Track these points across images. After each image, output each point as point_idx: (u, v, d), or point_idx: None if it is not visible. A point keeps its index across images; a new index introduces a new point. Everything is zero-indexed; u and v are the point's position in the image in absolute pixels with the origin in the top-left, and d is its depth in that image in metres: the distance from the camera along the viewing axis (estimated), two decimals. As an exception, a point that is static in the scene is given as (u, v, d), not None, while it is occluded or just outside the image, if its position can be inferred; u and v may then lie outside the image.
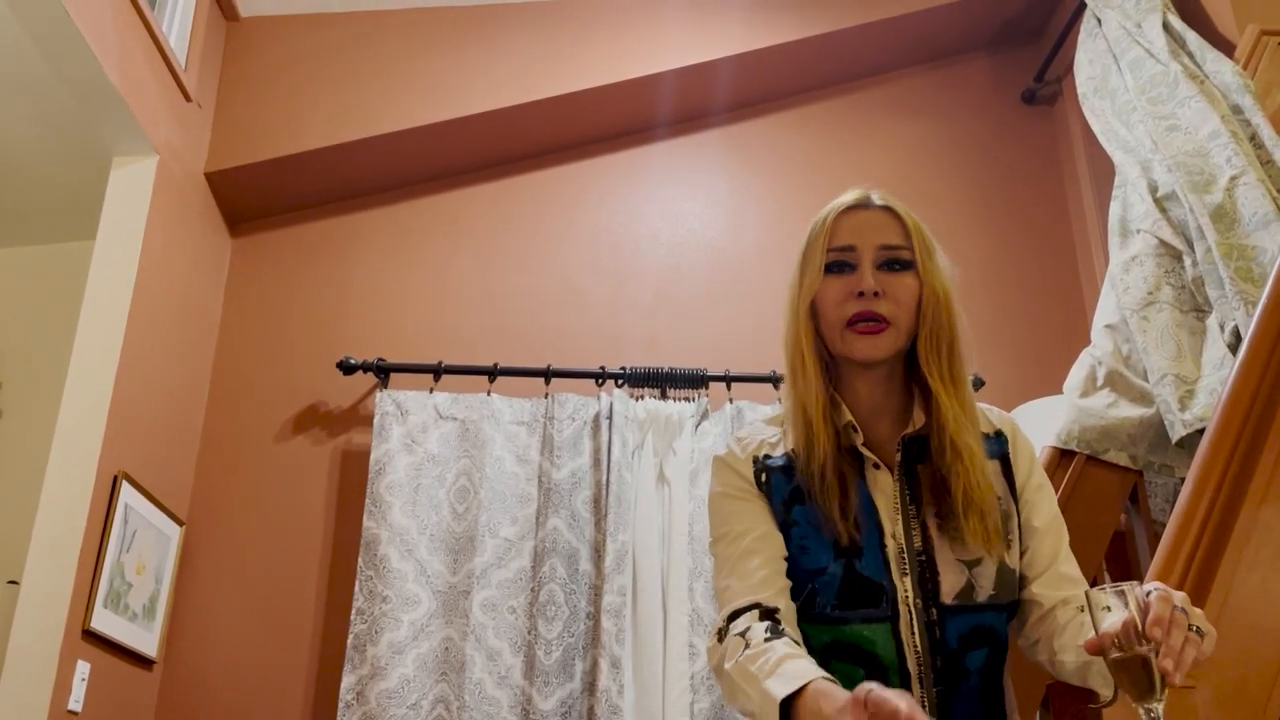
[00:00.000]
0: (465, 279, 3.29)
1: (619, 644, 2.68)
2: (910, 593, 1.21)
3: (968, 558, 1.22)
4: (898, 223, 1.29)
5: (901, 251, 1.27)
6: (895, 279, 1.26)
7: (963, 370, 1.28)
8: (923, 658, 1.20)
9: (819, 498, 1.24)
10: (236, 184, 3.22)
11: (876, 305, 1.24)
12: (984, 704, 1.23)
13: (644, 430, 2.94)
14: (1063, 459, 2.25)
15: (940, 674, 1.20)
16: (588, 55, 3.33)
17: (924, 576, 1.21)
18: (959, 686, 1.20)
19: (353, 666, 2.67)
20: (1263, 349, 1.82)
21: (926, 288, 1.26)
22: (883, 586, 1.21)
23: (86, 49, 2.51)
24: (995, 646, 1.24)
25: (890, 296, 1.25)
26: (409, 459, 2.88)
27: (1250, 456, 1.72)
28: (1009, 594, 1.24)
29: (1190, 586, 1.61)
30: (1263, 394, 1.78)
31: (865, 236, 1.27)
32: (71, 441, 2.57)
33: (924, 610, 1.21)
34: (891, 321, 1.24)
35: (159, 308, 2.86)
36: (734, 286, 3.30)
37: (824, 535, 1.23)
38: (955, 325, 1.28)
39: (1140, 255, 2.39)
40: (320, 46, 3.33)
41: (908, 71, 3.60)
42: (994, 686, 1.24)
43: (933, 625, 1.20)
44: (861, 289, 1.25)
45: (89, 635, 2.51)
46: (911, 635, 1.20)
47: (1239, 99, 2.43)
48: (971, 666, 1.21)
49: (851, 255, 1.27)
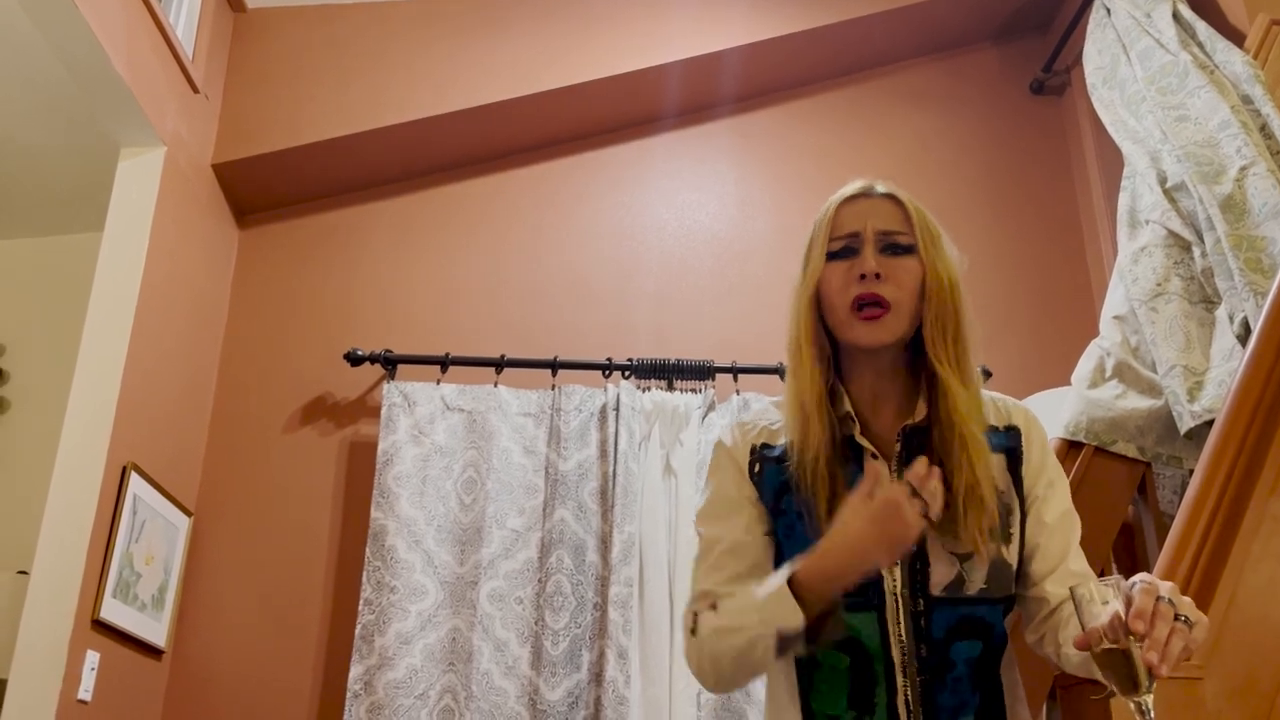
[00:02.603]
0: (472, 271, 3.29)
1: (626, 635, 2.68)
2: (898, 583, 1.22)
3: (961, 551, 1.22)
4: (899, 209, 1.30)
5: (901, 236, 1.27)
6: (896, 262, 1.26)
7: (969, 358, 1.27)
8: (907, 647, 1.21)
9: (807, 492, 1.24)
10: (243, 176, 3.22)
11: (878, 287, 1.24)
12: (978, 696, 1.23)
13: (651, 422, 2.94)
14: (1070, 450, 2.25)
15: (924, 663, 1.21)
16: (594, 46, 3.32)
17: (914, 568, 1.22)
18: (944, 676, 1.21)
19: (360, 657, 2.68)
20: (1272, 340, 1.82)
21: (930, 272, 1.26)
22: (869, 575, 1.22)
23: (94, 40, 2.51)
24: (988, 640, 1.24)
25: (892, 279, 1.25)
26: (416, 450, 2.89)
27: (1259, 448, 1.72)
28: (1002, 589, 1.24)
29: (1199, 578, 1.61)
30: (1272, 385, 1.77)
31: (866, 222, 1.28)
32: (80, 433, 2.57)
33: (911, 600, 1.22)
34: (893, 304, 1.24)
35: (167, 299, 2.87)
36: (741, 278, 3.30)
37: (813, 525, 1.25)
38: (961, 311, 1.27)
39: (1149, 246, 2.39)
40: (327, 38, 3.33)
41: (916, 62, 3.59)
42: (988, 678, 1.24)
43: (919, 615, 1.21)
44: (863, 271, 1.25)
45: (98, 625, 2.52)
46: (897, 625, 1.21)
47: (1249, 89, 2.42)
48: (958, 658, 1.21)
49: (854, 240, 1.28)
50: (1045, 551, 1.27)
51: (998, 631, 1.25)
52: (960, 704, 1.22)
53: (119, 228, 2.77)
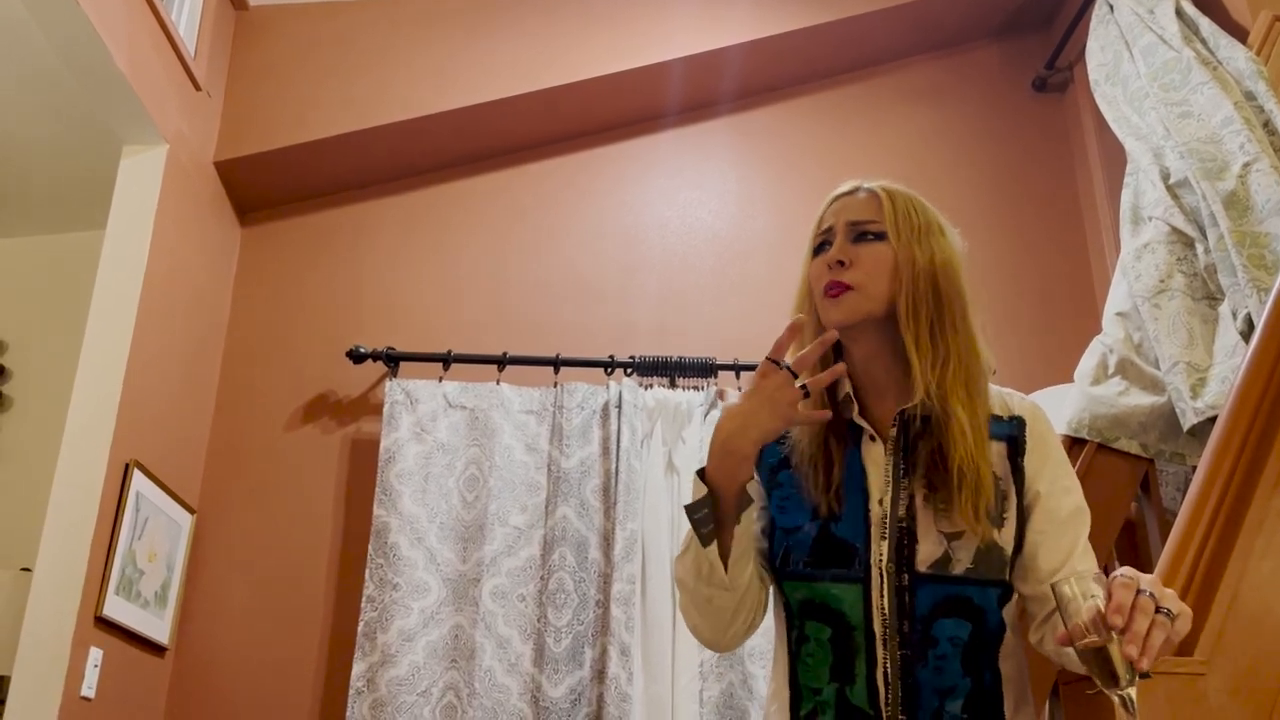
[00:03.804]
0: (474, 268, 3.29)
1: (628, 631, 2.68)
2: (885, 557, 1.24)
3: (950, 530, 1.24)
4: (874, 200, 1.35)
5: (871, 224, 1.33)
6: (863, 248, 1.32)
7: (948, 339, 1.28)
8: (889, 620, 1.23)
9: (803, 469, 1.31)
10: (246, 173, 3.22)
11: (841, 273, 1.30)
12: (969, 679, 1.23)
13: (653, 419, 2.94)
14: (1073, 447, 2.25)
15: (907, 638, 1.22)
16: (596, 44, 3.32)
17: (901, 543, 1.24)
18: (926, 653, 1.22)
19: (363, 654, 2.68)
20: (1275, 337, 1.82)
21: (902, 256, 1.30)
22: (855, 548, 1.26)
23: (96, 38, 2.51)
24: (979, 623, 1.24)
25: (857, 265, 1.31)
26: (419, 447, 2.89)
27: (1263, 444, 1.72)
28: (991, 571, 1.25)
29: (1202, 574, 1.61)
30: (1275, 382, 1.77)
31: (840, 216, 1.35)
32: (83, 430, 2.58)
33: (896, 575, 1.24)
34: (854, 287, 1.29)
35: (169, 297, 2.87)
36: (742, 275, 3.30)
37: (805, 500, 1.30)
38: (942, 291, 1.29)
39: (1152, 243, 2.38)
40: (329, 35, 3.33)
41: (918, 59, 3.59)
42: (979, 662, 1.24)
43: (903, 590, 1.23)
44: (828, 260, 1.32)
45: (101, 622, 2.53)
46: (880, 598, 1.24)
47: (1252, 85, 2.41)
48: (942, 635, 1.23)
49: (829, 235, 1.35)
50: (1051, 548, 1.27)
51: (990, 616, 1.25)
52: (949, 686, 1.22)
53: (121, 225, 2.78)
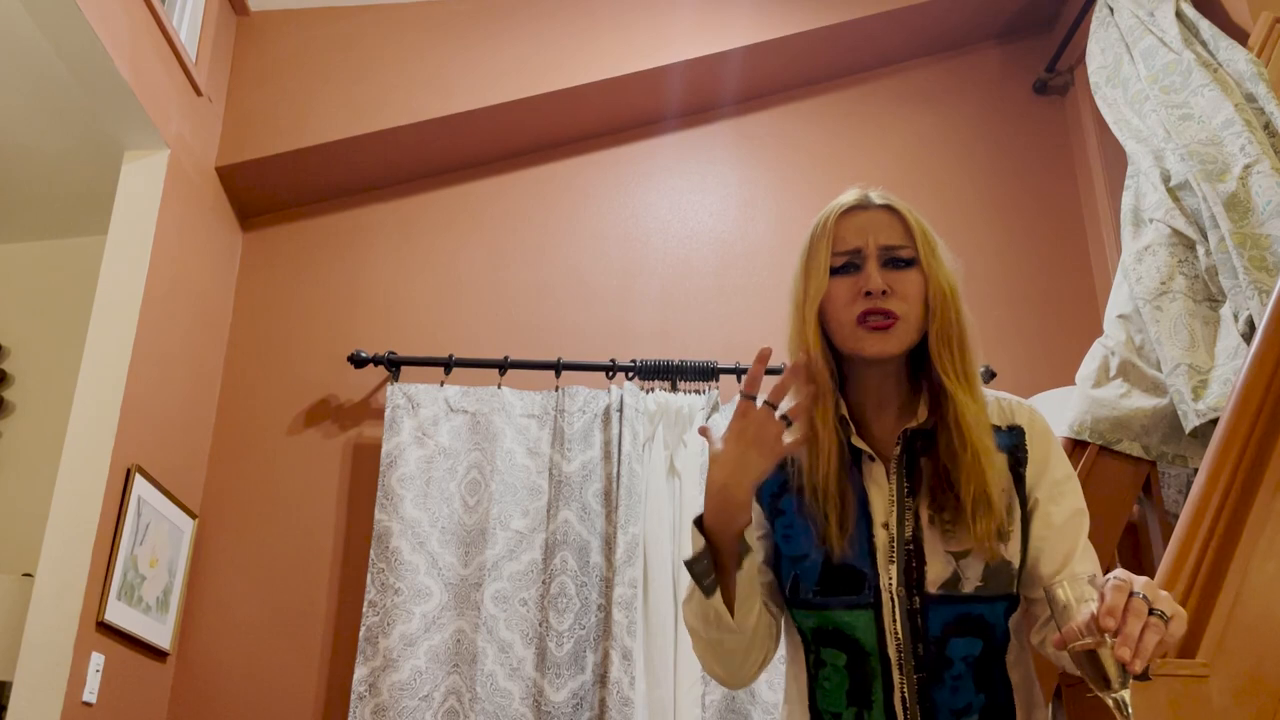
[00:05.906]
0: (475, 272, 3.30)
1: (630, 636, 2.68)
2: (894, 580, 1.23)
3: (957, 549, 1.22)
4: (899, 221, 1.30)
5: (904, 249, 1.28)
6: (901, 276, 1.27)
7: (973, 366, 1.28)
8: (903, 644, 1.22)
9: (819, 506, 1.25)
10: (247, 178, 3.23)
11: (886, 303, 1.25)
12: (983, 695, 1.23)
13: (654, 423, 2.94)
14: (1075, 450, 2.25)
15: (922, 661, 1.21)
16: (597, 47, 3.32)
17: (910, 565, 1.23)
18: (942, 674, 1.22)
19: (365, 658, 2.68)
20: (1277, 339, 1.81)
21: (932, 283, 1.27)
22: (864, 574, 1.24)
23: (97, 43, 2.52)
24: (989, 638, 1.24)
25: (898, 294, 1.26)
26: (420, 452, 2.89)
27: (1264, 446, 1.71)
28: (1000, 587, 1.24)
29: (1204, 576, 1.61)
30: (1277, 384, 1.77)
31: (868, 236, 1.28)
32: (85, 435, 2.58)
33: (907, 598, 1.22)
34: (901, 317, 1.25)
35: (171, 302, 2.87)
36: (744, 278, 3.30)
37: (811, 526, 1.26)
38: (963, 320, 1.28)
39: (1153, 245, 2.38)
40: (330, 40, 3.34)
41: (918, 62, 3.59)
42: (992, 676, 1.24)
43: (915, 613, 1.22)
44: (869, 288, 1.25)
45: (103, 627, 2.53)
46: (893, 622, 1.22)
47: (1253, 87, 2.41)
48: (955, 655, 1.22)
49: (856, 257, 1.28)
50: (1051, 553, 1.26)
51: (999, 630, 1.25)
52: (964, 705, 1.22)
53: (123, 231, 2.78)
